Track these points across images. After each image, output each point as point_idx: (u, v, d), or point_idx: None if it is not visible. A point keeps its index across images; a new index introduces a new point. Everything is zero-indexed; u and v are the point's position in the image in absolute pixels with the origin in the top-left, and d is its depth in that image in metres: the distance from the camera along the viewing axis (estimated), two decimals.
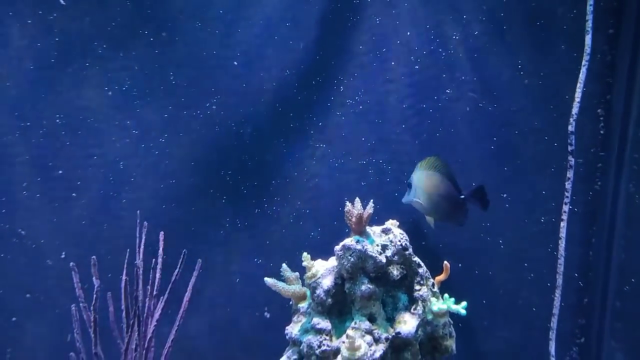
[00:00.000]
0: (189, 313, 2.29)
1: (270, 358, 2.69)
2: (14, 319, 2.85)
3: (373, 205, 1.93)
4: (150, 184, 2.76)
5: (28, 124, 2.68)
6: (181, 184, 2.78)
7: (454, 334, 2.01)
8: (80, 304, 2.12)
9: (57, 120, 2.70)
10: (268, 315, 2.96)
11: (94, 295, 1.95)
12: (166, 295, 2.08)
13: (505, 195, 2.64)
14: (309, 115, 2.75)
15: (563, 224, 2.44)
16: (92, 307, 1.89)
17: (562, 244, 2.45)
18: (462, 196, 2.27)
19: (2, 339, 2.84)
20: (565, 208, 2.47)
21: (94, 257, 2.11)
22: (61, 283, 2.83)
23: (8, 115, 2.68)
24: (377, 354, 1.85)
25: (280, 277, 2.15)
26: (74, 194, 2.74)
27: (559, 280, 2.45)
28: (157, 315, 2.04)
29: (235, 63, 2.73)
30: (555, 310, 2.46)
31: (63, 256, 2.86)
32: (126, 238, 2.41)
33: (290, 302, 2.15)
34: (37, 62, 2.66)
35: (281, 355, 2.18)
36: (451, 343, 1.98)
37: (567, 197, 2.42)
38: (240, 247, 2.88)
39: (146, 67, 2.70)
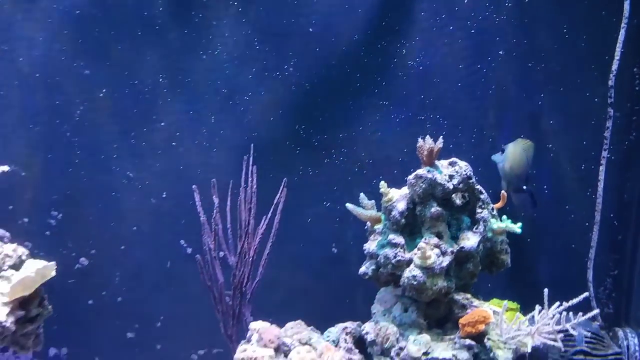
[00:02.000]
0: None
1: (336, 287, 3.05)
2: (122, 247, 3.28)
3: (442, 141, 2.25)
4: (236, 136, 3.15)
5: (136, 82, 3.09)
6: (262, 137, 3.15)
7: (509, 250, 2.32)
8: (201, 218, 2.52)
9: (161, 80, 3.10)
10: (335, 251, 3.33)
11: (215, 211, 2.35)
12: (269, 215, 2.48)
13: (550, 146, 2.93)
14: (374, 76, 3.08)
15: (602, 169, 2.72)
16: (212, 220, 2.28)
17: (600, 186, 2.73)
18: (525, 187, 2.59)
19: (112, 265, 3.28)
20: (605, 154, 2.75)
21: (213, 180, 2.52)
22: (162, 219, 3.26)
23: (120, 74, 3.09)
24: (445, 264, 2.18)
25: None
26: (174, 143, 3.16)
27: (597, 217, 2.74)
28: (261, 230, 2.44)
29: (311, 30, 3.07)
30: (594, 244, 2.75)
31: (164, 196, 3.28)
32: (218, 182, 2.80)
33: (366, 227, 2.49)
34: (146, 29, 3.06)
35: (344, 287, 2.51)
36: (507, 258, 2.30)
37: (607, 144, 2.70)
38: (311, 192, 3.25)
39: (235, 34, 3.07)
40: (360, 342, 2.37)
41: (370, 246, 2.38)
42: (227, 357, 2.61)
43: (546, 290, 1.98)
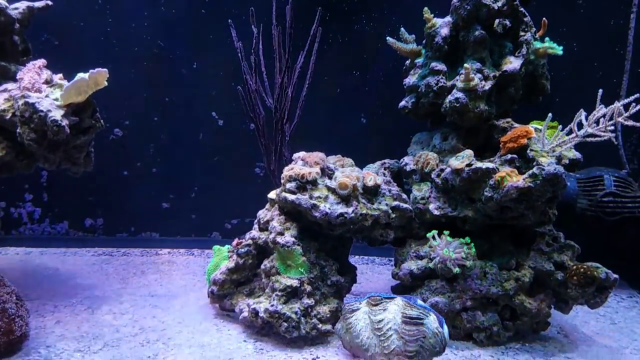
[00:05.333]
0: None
1: (364, 153, 2.97)
2: (155, 118, 3.26)
3: None
4: None
5: None
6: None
7: (549, 77, 2.27)
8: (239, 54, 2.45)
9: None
10: (364, 121, 3.30)
11: (254, 40, 2.30)
12: (316, 46, 2.43)
13: (580, 1, 2.85)
14: None
15: (633, 16, 2.64)
16: (252, 50, 2.23)
17: (630, 34, 2.66)
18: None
19: (146, 136, 3.26)
20: (634, 9, 2.68)
21: (252, 7, 2.45)
22: (193, 90, 3.22)
23: None
24: (486, 87, 2.14)
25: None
26: (202, 10, 3.08)
27: (627, 66, 2.69)
28: (299, 65, 2.40)
29: None
30: (623, 92, 2.71)
31: (195, 66, 3.23)
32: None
33: (406, 62, 2.43)
34: None
35: (373, 152, 2.43)
36: (547, 84, 2.25)
37: None
38: (340, 62, 3.19)
39: None
40: (397, 177, 2.37)
41: (410, 79, 2.33)
42: None
43: (600, 91, 1.89)
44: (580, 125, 1.94)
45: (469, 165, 2.03)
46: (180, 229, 3.36)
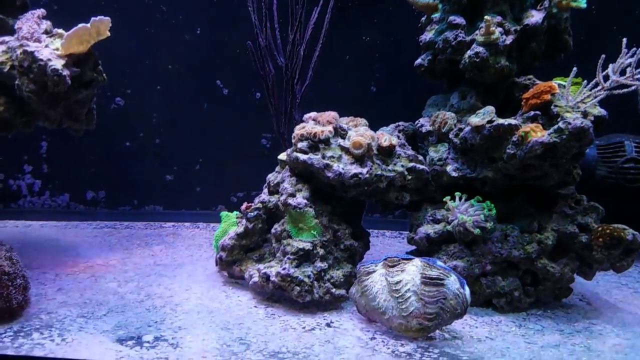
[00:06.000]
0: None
1: (372, 122, 2.86)
2: (158, 87, 3.16)
3: None
4: None
5: None
6: None
7: (571, 33, 2.17)
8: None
9: None
10: (374, 89, 3.20)
11: None
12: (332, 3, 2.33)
13: None
14: None
15: None
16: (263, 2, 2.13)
17: None
18: None
19: (148, 105, 3.16)
20: None
21: None
22: (197, 57, 3.11)
23: None
24: (507, 42, 2.03)
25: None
26: None
27: None
28: (312, 22, 2.30)
29: None
30: None
31: (198, 32, 3.12)
32: None
33: (422, 19, 2.33)
34: None
35: (381, 121, 2.33)
36: (569, 40, 2.14)
37: None
38: (350, 26, 3.08)
39: None
40: (412, 140, 2.27)
41: (427, 36, 2.23)
42: None
43: (624, 40, 1.80)
44: (606, 78, 1.84)
45: (490, 122, 1.93)
46: (185, 202, 3.28)
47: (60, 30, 1.84)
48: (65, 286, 2.09)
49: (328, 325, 1.83)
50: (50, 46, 1.75)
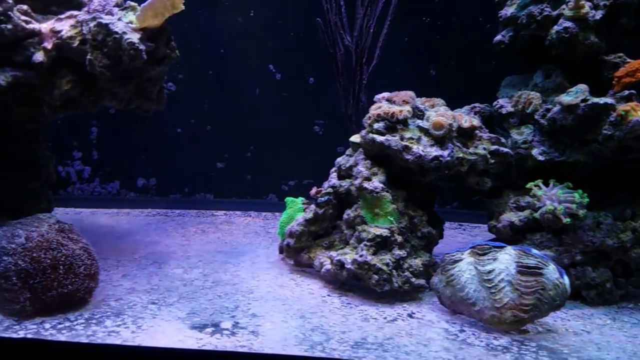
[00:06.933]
0: None
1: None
2: (210, 72, 3.09)
3: None
4: None
5: None
6: None
7: None
8: None
9: None
10: (433, 73, 3.08)
11: None
12: None
13: None
14: None
15: None
16: None
17: None
18: None
19: (200, 91, 3.09)
20: None
21: None
22: (249, 41, 3.03)
23: None
24: (597, 17, 1.91)
25: None
26: None
27: None
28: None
29: None
30: None
31: (252, 14, 3.05)
32: None
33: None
34: None
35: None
36: None
37: None
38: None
39: None
40: (488, 123, 2.15)
41: (508, 10, 2.11)
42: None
43: None
44: None
45: (584, 100, 1.80)
46: (235, 190, 3.21)
47: (132, 3, 1.78)
48: (130, 272, 2.04)
49: (410, 316, 1.73)
50: (123, 19, 1.69)
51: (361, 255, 1.79)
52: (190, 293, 1.85)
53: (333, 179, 2.04)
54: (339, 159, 2.07)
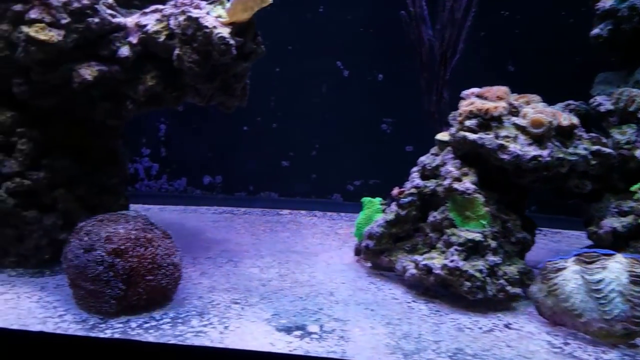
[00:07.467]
0: None
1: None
2: (277, 69, 3.04)
3: None
4: None
5: None
6: None
7: None
8: None
9: None
10: (512, 69, 2.93)
11: None
12: None
13: None
14: None
15: None
16: None
17: None
18: None
19: (266, 88, 3.05)
20: None
21: None
22: (317, 37, 2.98)
23: None
24: None
25: None
26: None
27: None
28: None
29: None
30: None
31: (321, 10, 3.00)
32: None
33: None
34: None
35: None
36: None
37: None
38: None
39: None
40: (584, 121, 2.00)
41: (606, 2, 1.97)
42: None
43: None
44: None
45: None
46: (300, 189, 3.16)
47: None
48: (207, 270, 2.01)
49: (507, 326, 1.63)
50: (211, 13, 1.65)
51: (452, 261, 1.70)
52: (271, 294, 1.80)
53: (416, 178, 1.95)
54: (422, 158, 1.98)
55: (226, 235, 2.50)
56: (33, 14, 1.69)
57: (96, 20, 1.73)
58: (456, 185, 1.77)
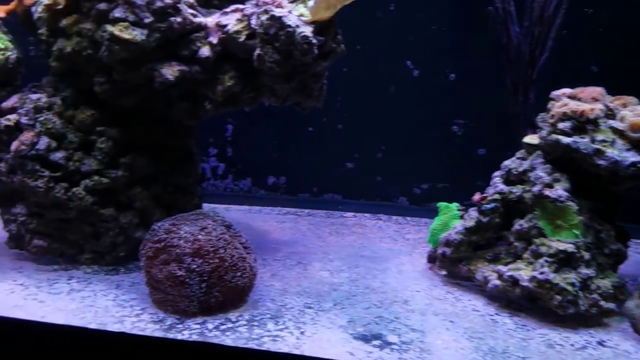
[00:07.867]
0: None
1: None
2: (344, 69, 2.98)
3: None
4: None
5: None
6: None
7: None
8: None
9: None
10: (595, 69, 2.76)
11: None
12: None
13: None
14: None
15: None
16: None
17: None
18: None
19: (333, 87, 2.99)
20: None
21: None
22: (385, 36, 2.91)
23: None
24: None
25: None
26: None
27: None
28: None
29: None
30: None
31: (392, 8, 2.93)
32: None
33: None
34: None
35: None
36: None
37: None
38: None
39: None
40: None
41: None
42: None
43: None
44: None
45: None
46: (364, 191, 3.10)
47: None
48: (278, 272, 1.99)
49: (600, 343, 1.51)
50: (293, 12, 1.62)
51: (542, 273, 1.59)
52: (343, 299, 1.76)
53: (499, 184, 1.85)
54: (506, 162, 1.87)
55: (292, 237, 2.48)
56: (117, 13, 1.72)
57: (178, 19, 1.74)
58: (547, 192, 1.66)
